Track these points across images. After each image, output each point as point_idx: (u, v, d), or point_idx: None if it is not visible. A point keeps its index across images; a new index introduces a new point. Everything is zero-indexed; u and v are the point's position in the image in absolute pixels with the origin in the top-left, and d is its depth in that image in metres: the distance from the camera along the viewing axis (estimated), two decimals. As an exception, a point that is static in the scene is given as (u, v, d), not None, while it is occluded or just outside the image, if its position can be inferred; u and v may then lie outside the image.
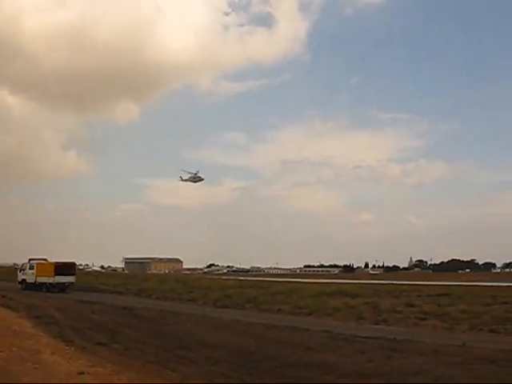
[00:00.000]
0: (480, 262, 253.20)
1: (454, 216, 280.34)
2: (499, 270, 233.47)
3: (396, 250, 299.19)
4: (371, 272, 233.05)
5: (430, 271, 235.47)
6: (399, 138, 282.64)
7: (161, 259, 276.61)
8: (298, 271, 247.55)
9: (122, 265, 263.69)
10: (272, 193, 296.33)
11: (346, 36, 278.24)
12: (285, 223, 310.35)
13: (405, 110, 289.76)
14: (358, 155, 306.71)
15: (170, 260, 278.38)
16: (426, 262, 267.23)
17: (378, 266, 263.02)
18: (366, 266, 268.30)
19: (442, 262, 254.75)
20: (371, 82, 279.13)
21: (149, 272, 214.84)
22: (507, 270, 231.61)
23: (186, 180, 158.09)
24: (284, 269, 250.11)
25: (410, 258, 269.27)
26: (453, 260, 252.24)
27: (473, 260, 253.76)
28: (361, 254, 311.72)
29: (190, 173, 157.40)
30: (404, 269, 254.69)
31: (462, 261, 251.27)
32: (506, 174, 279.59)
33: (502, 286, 68.85)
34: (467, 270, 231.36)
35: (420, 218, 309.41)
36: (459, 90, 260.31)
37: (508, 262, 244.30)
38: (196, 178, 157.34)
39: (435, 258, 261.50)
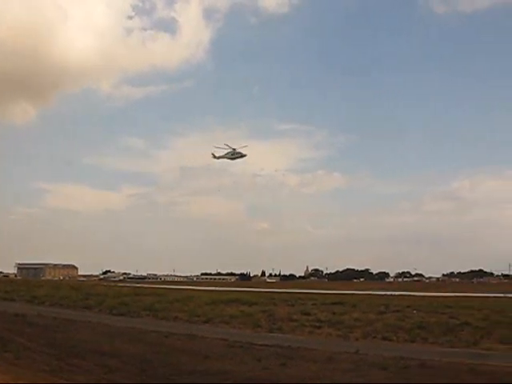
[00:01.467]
0: (374, 272, 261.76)
1: (350, 226, 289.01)
2: (392, 279, 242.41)
3: (293, 259, 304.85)
4: (268, 280, 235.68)
5: (326, 280, 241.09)
6: (298, 149, 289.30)
7: (55, 265, 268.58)
8: (195, 279, 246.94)
9: (14, 271, 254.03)
10: (170, 199, 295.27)
11: (250, 45, 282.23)
12: (182, 230, 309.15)
13: (305, 122, 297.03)
14: (258, 164, 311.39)
15: (64, 266, 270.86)
16: (322, 271, 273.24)
17: (275, 275, 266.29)
18: (263, 274, 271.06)
19: (338, 271, 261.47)
20: (272, 92, 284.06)
21: (43, 278, 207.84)
22: (400, 279, 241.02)
23: (220, 157, 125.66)
24: (181, 276, 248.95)
25: (307, 267, 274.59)
26: (348, 269, 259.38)
27: (367, 269, 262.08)
28: (258, 262, 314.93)
29: (227, 147, 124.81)
30: (300, 277, 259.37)
31: (357, 270, 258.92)
32: (400, 185, 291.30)
33: (395, 295, 71.37)
34: (362, 279, 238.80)
35: (317, 227, 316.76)
36: (357, 103, 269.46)
37: (400, 271, 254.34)
38: (235, 155, 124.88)
39: (331, 267, 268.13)
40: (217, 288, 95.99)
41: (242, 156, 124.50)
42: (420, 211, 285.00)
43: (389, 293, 78.76)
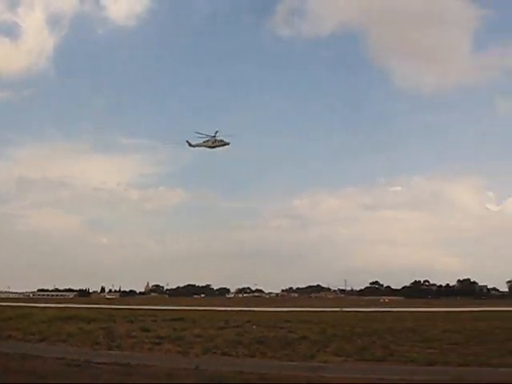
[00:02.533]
0: (215, 287, 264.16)
1: (192, 241, 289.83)
2: (233, 295, 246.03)
3: (133, 275, 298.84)
4: (107, 296, 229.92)
5: (167, 296, 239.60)
6: (141, 164, 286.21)
7: None
8: (31, 295, 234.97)
9: None
10: (5, 211, 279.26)
11: (95, 55, 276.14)
12: (18, 244, 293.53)
13: (148, 137, 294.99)
14: (99, 178, 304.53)
15: None
16: (163, 287, 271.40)
17: (115, 291, 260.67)
18: (103, 290, 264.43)
19: (179, 287, 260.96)
20: (117, 105, 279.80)
21: None
22: (240, 294, 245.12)
23: (197, 145, 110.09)
24: (16, 293, 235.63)
25: (147, 283, 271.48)
26: (189, 285, 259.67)
27: (208, 285, 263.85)
28: (97, 277, 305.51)
29: (203, 135, 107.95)
30: (141, 293, 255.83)
31: (198, 286, 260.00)
32: (242, 202, 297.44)
33: (235, 310, 72.31)
34: (202, 295, 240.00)
35: (158, 242, 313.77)
36: (203, 120, 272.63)
37: (241, 287, 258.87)
38: (216, 143, 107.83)
39: (172, 282, 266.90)
40: (54, 305, 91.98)
41: (224, 144, 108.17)
42: (261, 228, 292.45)
43: (229, 308, 79.70)
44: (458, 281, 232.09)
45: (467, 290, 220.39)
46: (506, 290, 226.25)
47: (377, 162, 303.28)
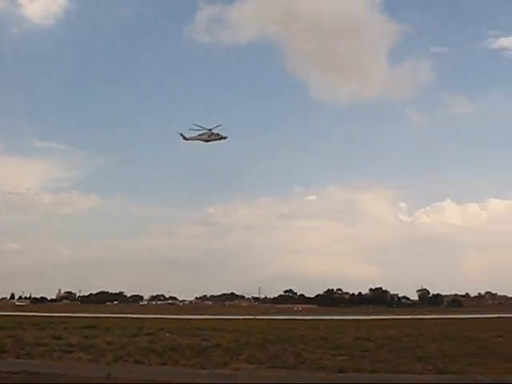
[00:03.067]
0: (128, 295, 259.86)
1: (105, 248, 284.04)
2: (146, 302, 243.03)
3: (44, 281, 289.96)
4: (17, 303, 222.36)
5: (79, 303, 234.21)
6: (54, 168, 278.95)
7: None
8: None
9: None
10: None
11: (12, 55, 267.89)
12: None
13: (63, 141, 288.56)
14: (10, 182, 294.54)
15: None
16: (75, 294, 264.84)
17: (25, 298, 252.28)
18: (12, 296, 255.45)
19: (91, 294, 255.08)
20: (30, 107, 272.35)
21: None
22: (153, 302, 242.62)
23: (192, 139, 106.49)
24: None
25: (59, 290, 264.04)
26: (101, 292, 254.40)
27: (121, 292, 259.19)
28: (7, 284, 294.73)
29: (199, 127, 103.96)
30: (52, 300, 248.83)
31: (111, 293, 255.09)
32: (156, 209, 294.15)
33: (148, 318, 71.73)
34: (115, 302, 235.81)
35: (70, 248, 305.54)
36: (116, 127, 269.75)
37: (155, 294, 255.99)
38: (212, 137, 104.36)
39: (84, 289, 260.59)
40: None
41: (221, 138, 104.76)
42: (174, 235, 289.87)
43: (142, 316, 78.93)
44: (371, 289, 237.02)
45: (379, 298, 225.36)
46: (417, 298, 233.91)
47: (294, 171, 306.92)
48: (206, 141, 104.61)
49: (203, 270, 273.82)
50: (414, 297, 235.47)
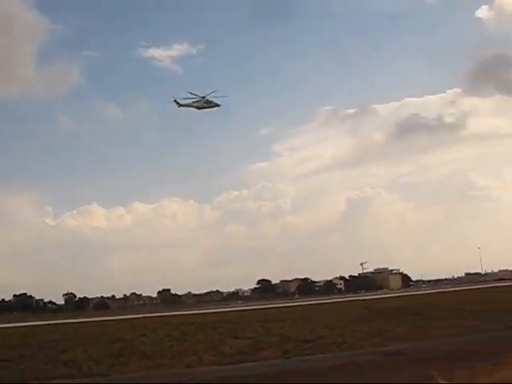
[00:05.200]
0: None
1: None
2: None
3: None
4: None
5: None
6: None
7: None
8: None
9: None
10: None
11: None
12: None
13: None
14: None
15: None
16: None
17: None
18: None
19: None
20: None
21: None
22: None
23: (185, 106, 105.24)
24: None
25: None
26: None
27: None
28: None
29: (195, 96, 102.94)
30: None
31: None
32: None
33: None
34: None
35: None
36: None
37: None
38: (207, 104, 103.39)
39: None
40: None
41: (214, 106, 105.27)
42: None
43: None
44: (15, 295, 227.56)
45: (24, 304, 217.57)
46: (63, 302, 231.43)
47: None
48: (199, 108, 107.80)
49: None
50: (61, 301, 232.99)
